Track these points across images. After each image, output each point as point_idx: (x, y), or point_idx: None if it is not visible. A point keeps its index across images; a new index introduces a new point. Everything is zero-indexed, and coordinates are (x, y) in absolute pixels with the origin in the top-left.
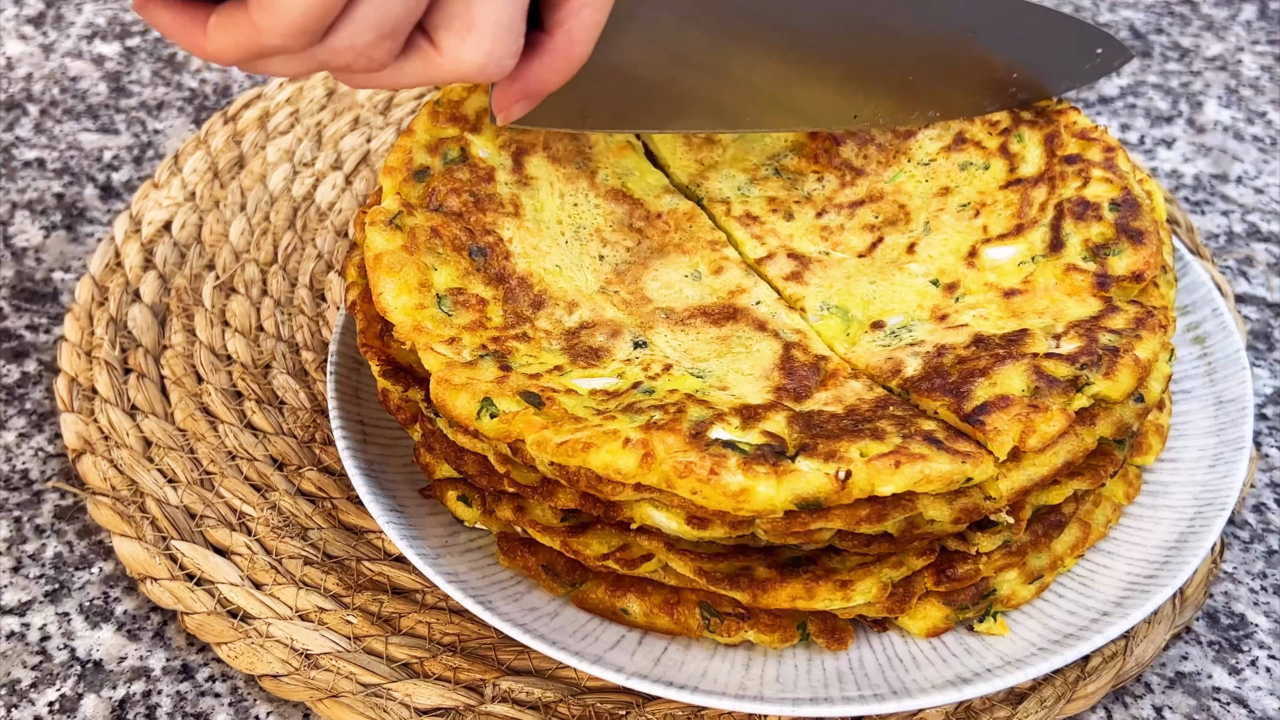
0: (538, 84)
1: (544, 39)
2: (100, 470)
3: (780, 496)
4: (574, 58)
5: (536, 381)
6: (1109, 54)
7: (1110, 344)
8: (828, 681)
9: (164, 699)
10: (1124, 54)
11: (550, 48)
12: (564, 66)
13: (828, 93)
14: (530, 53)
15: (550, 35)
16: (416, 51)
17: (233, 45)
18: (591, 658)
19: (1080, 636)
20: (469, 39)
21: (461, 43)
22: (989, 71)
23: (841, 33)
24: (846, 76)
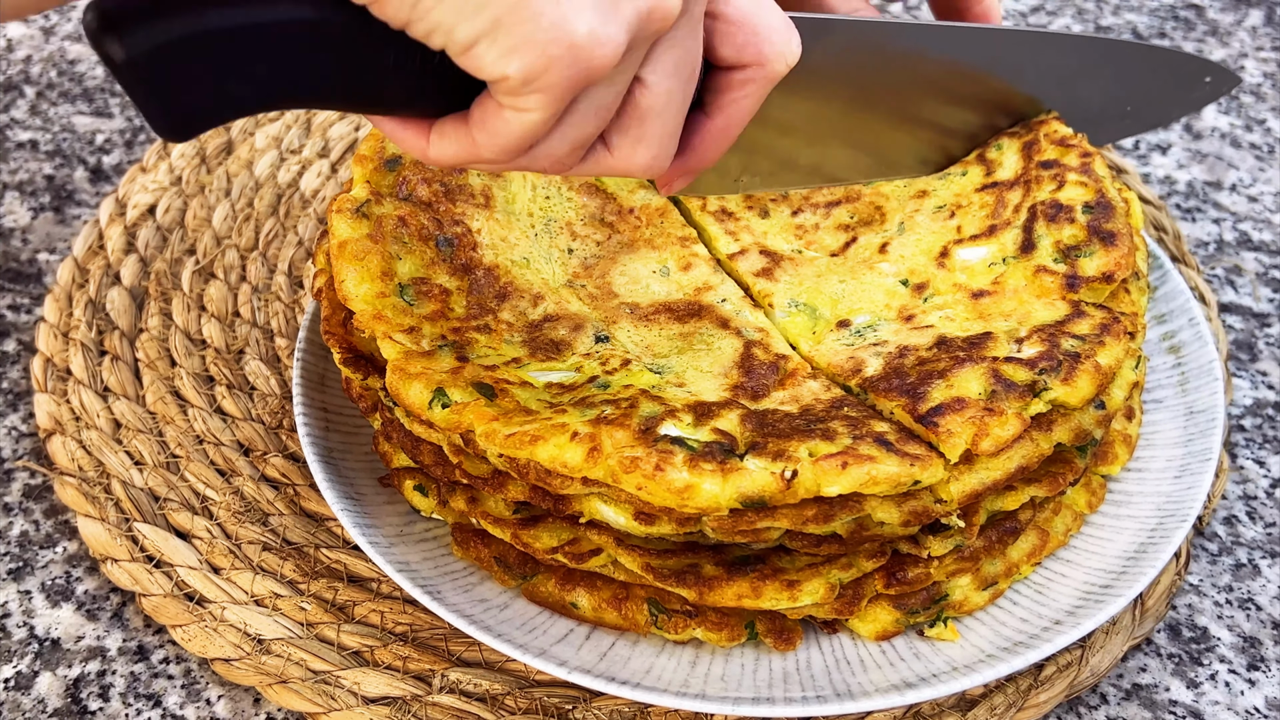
0: (698, 162)
1: (704, 122)
2: (69, 451)
3: (725, 494)
4: (729, 139)
5: (492, 373)
6: (1218, 81)
7: (1072, 349)
8: (772, 682)
9: (118, 679)
10: (1232, 80)
11: (709, 129)
12: (721, 146)
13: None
14: (692, 134)
15: (710, 118)
16: (593, 154)
17: (452, 155)
18: (536, 650)
19: (1030, 645)
20: (638, 148)
21: (632, 151)
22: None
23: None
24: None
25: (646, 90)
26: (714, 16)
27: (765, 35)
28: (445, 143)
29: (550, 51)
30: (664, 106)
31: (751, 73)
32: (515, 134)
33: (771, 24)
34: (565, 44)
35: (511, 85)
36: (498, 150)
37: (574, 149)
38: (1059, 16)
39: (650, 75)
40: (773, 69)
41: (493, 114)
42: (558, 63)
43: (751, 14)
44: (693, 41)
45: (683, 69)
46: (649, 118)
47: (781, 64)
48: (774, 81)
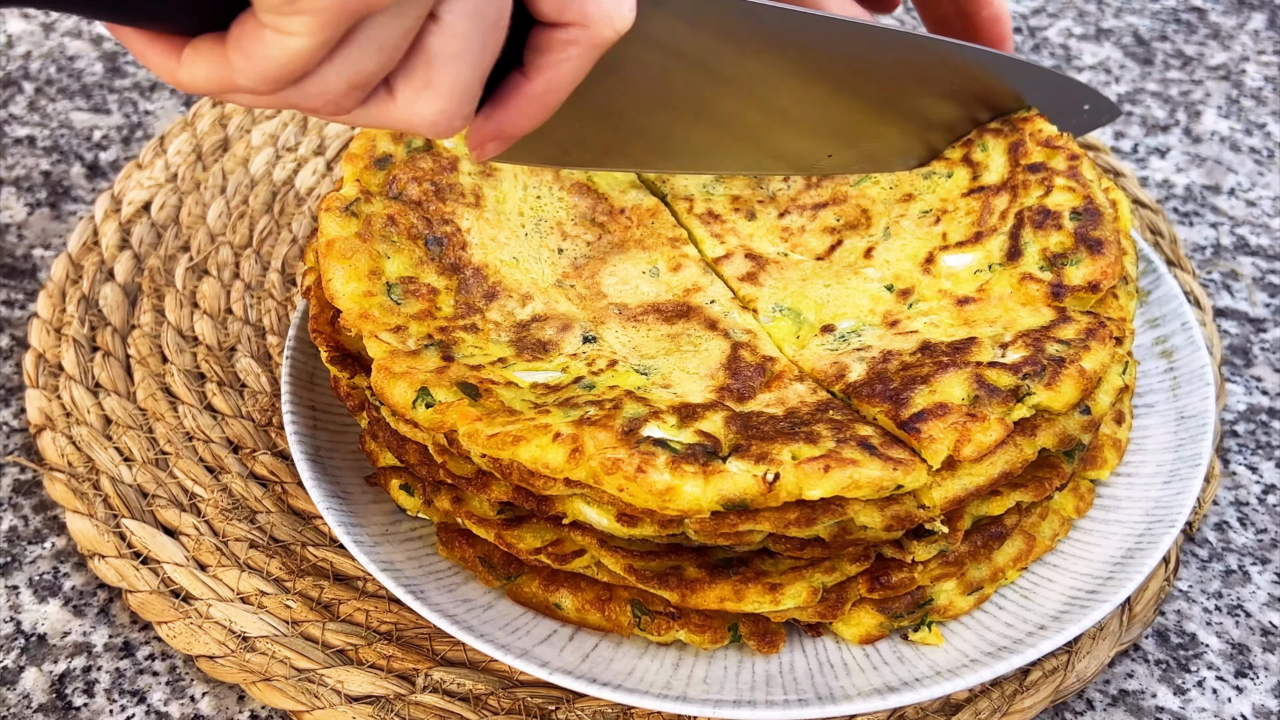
0: (511, 126)
1: (521, 82)
2: (58, 446)
3: (707, 497)
4: (548, 105)
5: (478, 373)
6: (1096, 110)
7: (1057, 354)
8: (755, 684)
9: (103, 675)
10: (1113, 111)
11: (526, 92)
12: (537, 112)
13: (803, 138)
14: (506, 94)
15: (528, 80)
16: (375, 98)
17: (204, 79)
18: (518, 651)
19: (1014, 649)
20: (424, 95)
21: (416, 98)
22: (965, 122)
23: (824, 79)
24: (824, 122)
25: (440, 29)
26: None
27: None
28: (198, 64)
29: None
30: (459, 51)
31: (574, 33)
32: (276, 60)
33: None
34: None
35: (273, 2)
36: (256, 77)
37: (351, 88)
38: (1060, 19)
39: (446, 13)
40: (597, 32)
41: (252, 34)
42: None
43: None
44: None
45: (486, 13)
46: (439, 62)
47: (608, 28)
48: (600, 47)
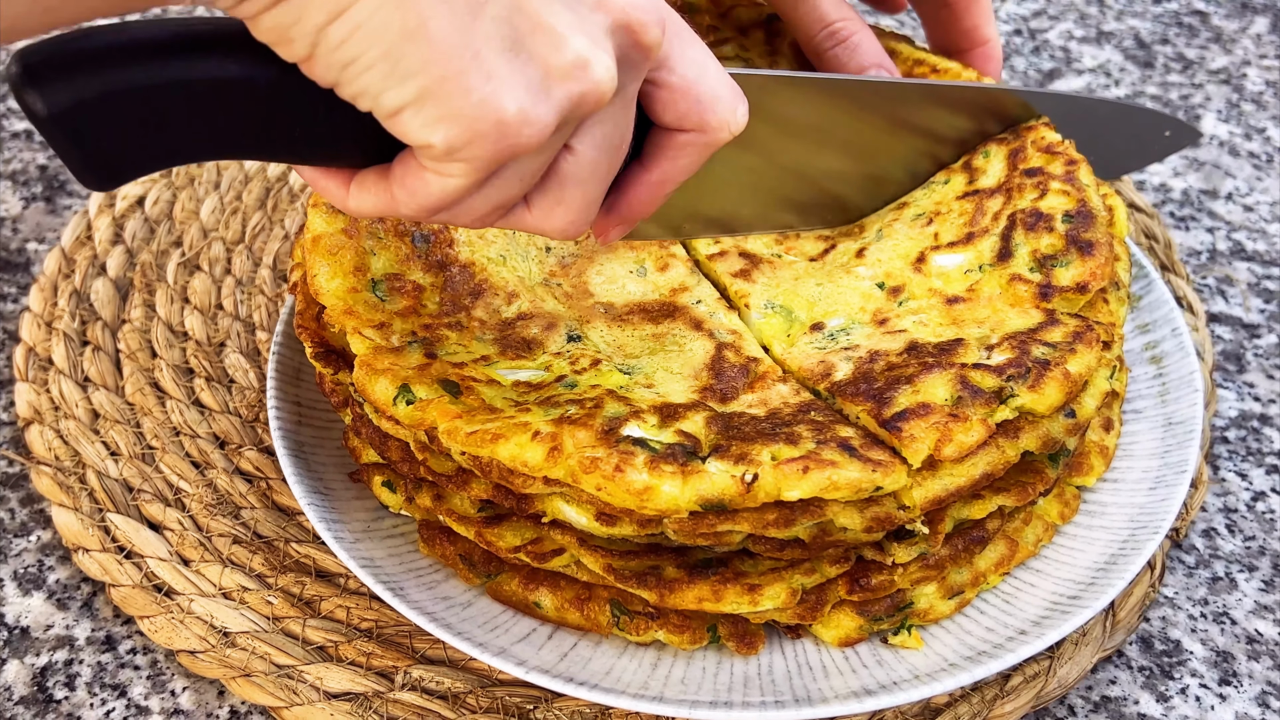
0: (630, 213)
1: (640, 173)
2: (46, 440)
3: (685, 497)
4: (664, 194)
5: (459, 370)
6: (1178, 135)
7: (1042, 356)
8: (733, 685)
9: (84, 669)
10: (1193, 135)
11: (644, 180)
12: (654, 199)
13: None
14: (627, 185)
15: (646, 171)
16: (513, 211)
17: (370, 207)
18: (495, 649)
19: (994, 654)
20: (556, 211)
21: (549, 214)
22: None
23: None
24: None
25: (572, 158)
26: (656, 84)
27: (708, 104)
28: (365, 195)
29: (477, 127)
30: (588, 175)
31: (692, 138)
32: (435, 196)
33: (716, 92)
34: (492, 120)
35: (435, 154)
36: (416, 208)
37: (495, 210)
38: (1061, 21)
39: (578, 144)
40: (714, 137)
41: (414, 174)
42: (483, 138)
43: (695, 81)
44: (624, 117)
45: (611, 141)
46: (570, 184)
47: (725, 133)
48: (715, 148)
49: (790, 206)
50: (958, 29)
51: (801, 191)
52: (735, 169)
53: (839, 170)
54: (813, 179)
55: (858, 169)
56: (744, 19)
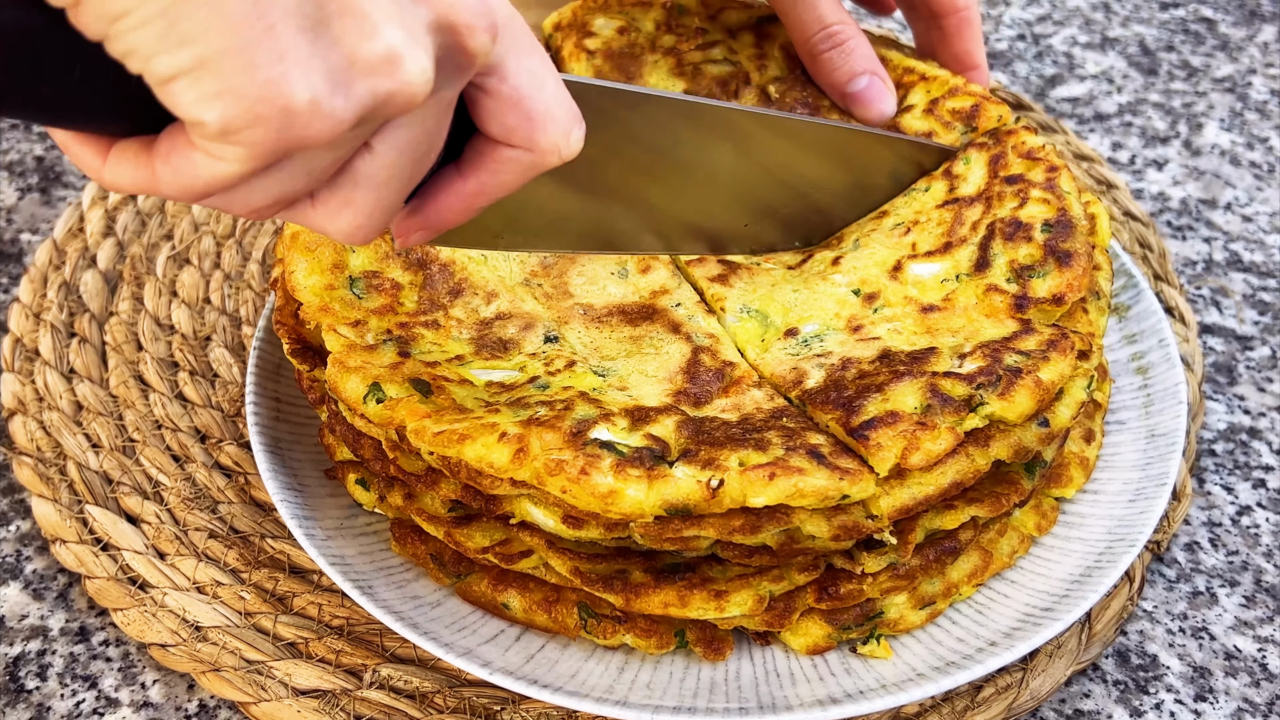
0: (437, 220)
1: (455, 179)
2: (28, 431)
3: (649, 501)
4: (477, 207)
5: (432, 369)
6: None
7: (1014, 365)
8: (698, 691)
9: (57, 659)
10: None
11: (458, 189)
12: (465, 211)
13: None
14: (438, 189)
15: (462, 179)
16: (296, 205)
17: (128, 182)
18: (461, 650)
19: (962, 665)
20: (344, 212)
21: (336, 213)
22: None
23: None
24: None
25: (370, 158)
26: (484, 90)
27: (539, 122)
28: (123, 167)
29: (259, 109)
30: (384, 180)
31: (518, 155)
32: (202, 179)
33: (550, 111)
34: (278, 105)
35: (208, 133)
36: (179, 189)
37: (274, 203)
38: (1066, 27)
39: (379, 144)
40: (542, 159)
41: (182, 151)
42: (265, 124)
43: (528, 95)
44: (436, 123)
45: (417, 147)
46: (364, 186)
47: (554, 156)
48: (541, 169)
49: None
50: (948, 52)
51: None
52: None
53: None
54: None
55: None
56: (733, 22)
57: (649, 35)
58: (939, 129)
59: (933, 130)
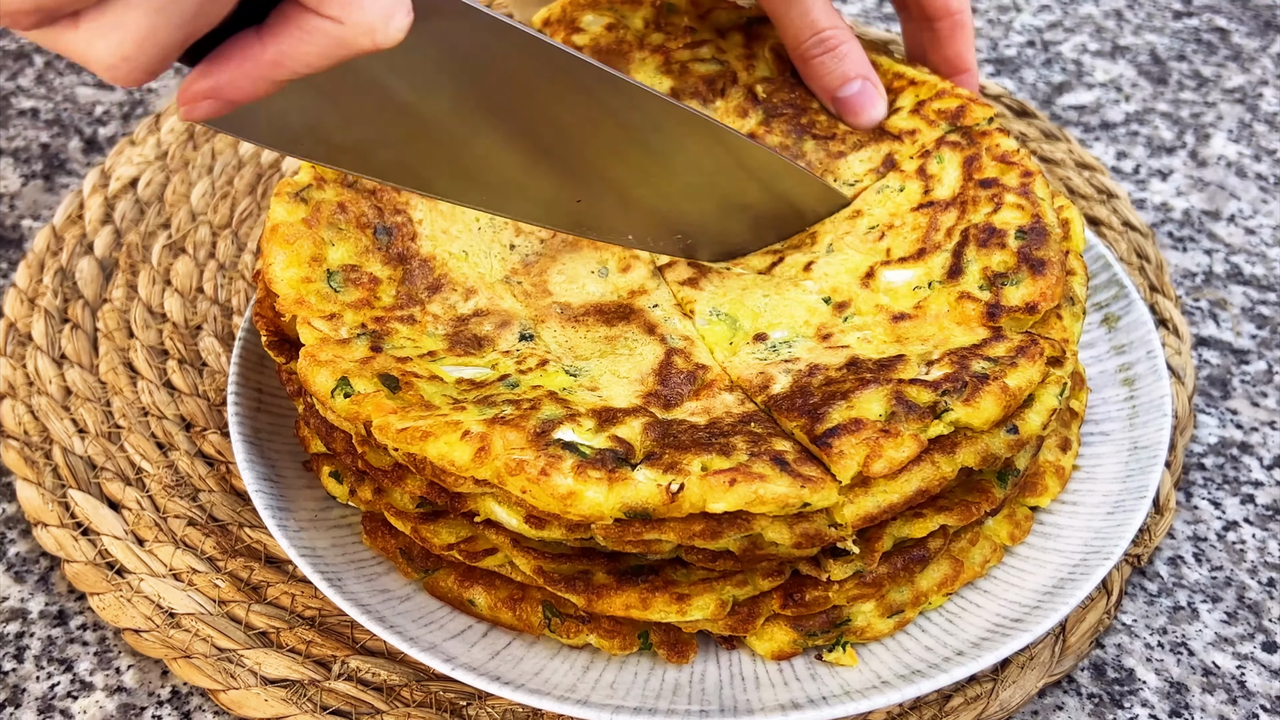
0: (229, 89)
1: (252, 43)
2: (17, 415)
3: (609, 503)
4: (273, 79)
5: (403, 365)
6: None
7: (981, 371)
8: (661, 692)
9: (34, 641)
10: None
11: (254, 55)
12: (260, 82)
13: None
14: (232, 52)
15: (260, 44)
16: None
17: None
18: (426, 644)
19: (927, 674)
20: (109, 35)
21: (99, 35)
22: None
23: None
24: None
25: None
26: None
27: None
28: None
29: None
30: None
31: (325, 25)
32: None
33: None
34: None
35: None
36: None
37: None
38: (1076, 34)
39: None
40: (351, 36)
41: None
42: None
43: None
44: None
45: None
46: (135, 4)
47: (366, 38)
48: (350, 50)
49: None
50: (939, 55)
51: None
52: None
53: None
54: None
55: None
56: (723, 22)
57: (637, 33)
58: (923, 127)
59: (917, 129)
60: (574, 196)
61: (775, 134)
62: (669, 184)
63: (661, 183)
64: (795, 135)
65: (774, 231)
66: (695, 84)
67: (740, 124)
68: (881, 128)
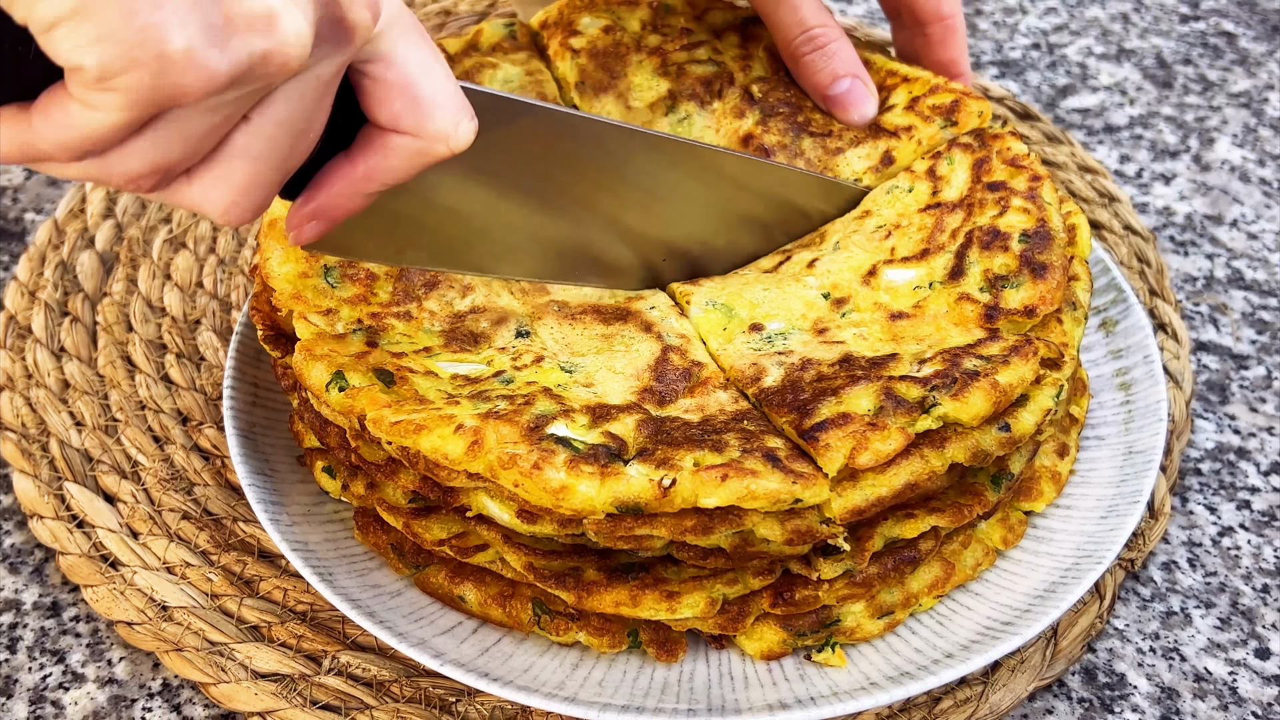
0: (329, 208)
1: (344, 165)
2: (15, 407)
3: (600, 498)
4: (367, 192)
5: (399, 360)
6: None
7: (973, 368)
8: (650, 691)
9: (27, 633)
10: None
11: (347, 174)
12: (356, 197)
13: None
14: (328, 176)
15: (350, 164)
16: (176, 181)
17: (6, 143)
18: (415, 640)
19: (915, 676)
20: (219, 186)
21: (210, 187)
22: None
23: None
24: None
25: (247, 129)
26: (370, 78)
27: (426, 109)
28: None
29: (135, 54)
30: (260, 152)
31: (407, 142)
32: (80, 130)
33: (436, 98)
34: (154, 52)
35: (86, 79)
36: (57, 145)
37: (152, 171)
38: (1082, 37)
39: (257, 116)
40: (430, 146)
41: (60, 104)
42: (141, 68)
43: (414, 81)
44: (315, 98)
45: (295, 122)
46: (239, 158)
47: (442, 145)
48: (432, 158)
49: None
50: (931, 60)
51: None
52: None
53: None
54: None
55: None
56: (719, 22)
57: (634, 35)
58: (919, 123)
59: (913, 125)
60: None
61: (772, 133)
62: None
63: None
64: (793, 134)
65: (784, 234)
66: (692, 85)
67: (737, 124)
68: (878, 124)
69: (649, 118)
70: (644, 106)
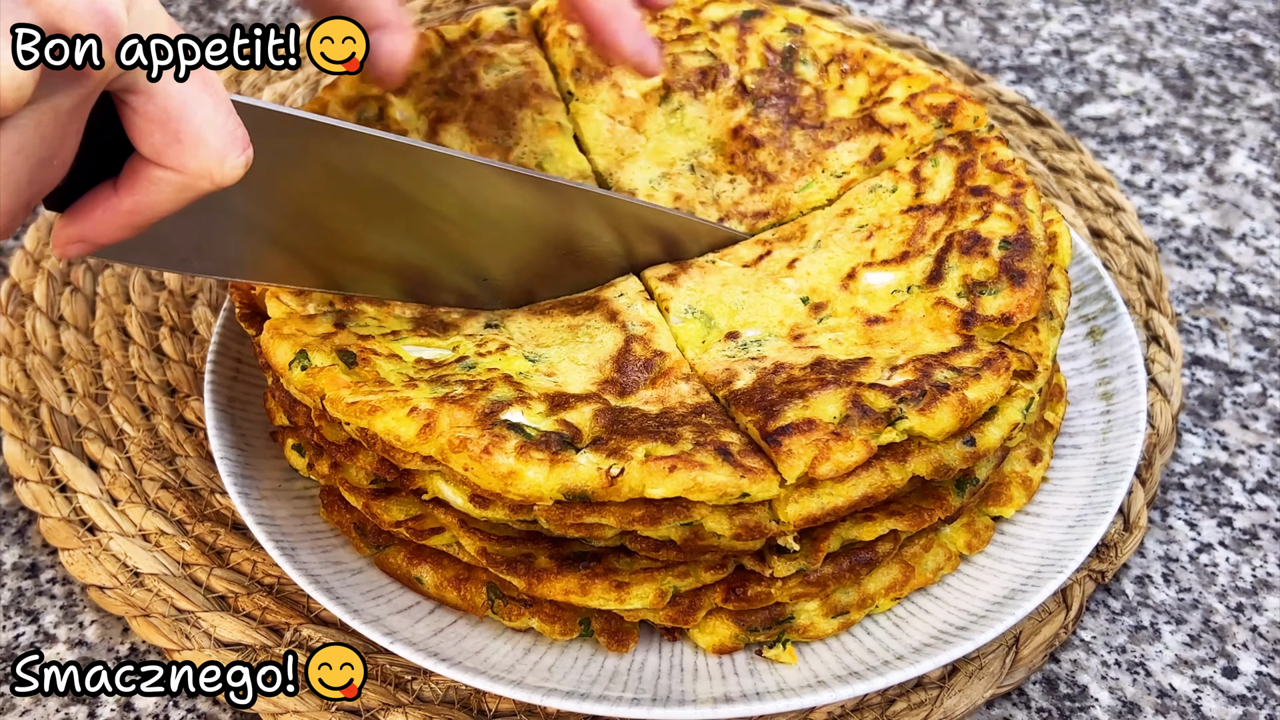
0: (94, 234)
1: (109, 195)
2: (10, 373)
3: (548, 484)
4: (134, 225)
5: (363, 342)
6: None
7: (943, 380)
8: (598, 679)
9: (4, 592)
10: None
11: (113, 205)
12: (123, 228)
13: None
14: (93, 203)
15: (116, 195)
16: None
17: None
18: (369, 618)
19: (863, 677)
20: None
21: None
22: None
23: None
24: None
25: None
26: (132, 108)
27: (189, 145)
28: None
29: None
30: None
31: (170, 176)
32: None
33: (200, 134)
34: None
35: None
36: None
37: None
38: (1104, 45)
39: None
40: (194, 181)
41: None
42: None
43: (176, 115)
44: (53, 131)
45: (29, 152)
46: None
47: (205, 181)
48: (195, 192)
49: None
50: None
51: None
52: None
53: None
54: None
55: None
56: (718, 16)
57: None
58: (914, 121)
59: (907, 122)
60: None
61: (763, 124)
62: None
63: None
64: (784, 126)
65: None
66: (686, 76)
67: (729, 115)
68: (872, 119)
69: (643, 107)
70: (638, 96)
